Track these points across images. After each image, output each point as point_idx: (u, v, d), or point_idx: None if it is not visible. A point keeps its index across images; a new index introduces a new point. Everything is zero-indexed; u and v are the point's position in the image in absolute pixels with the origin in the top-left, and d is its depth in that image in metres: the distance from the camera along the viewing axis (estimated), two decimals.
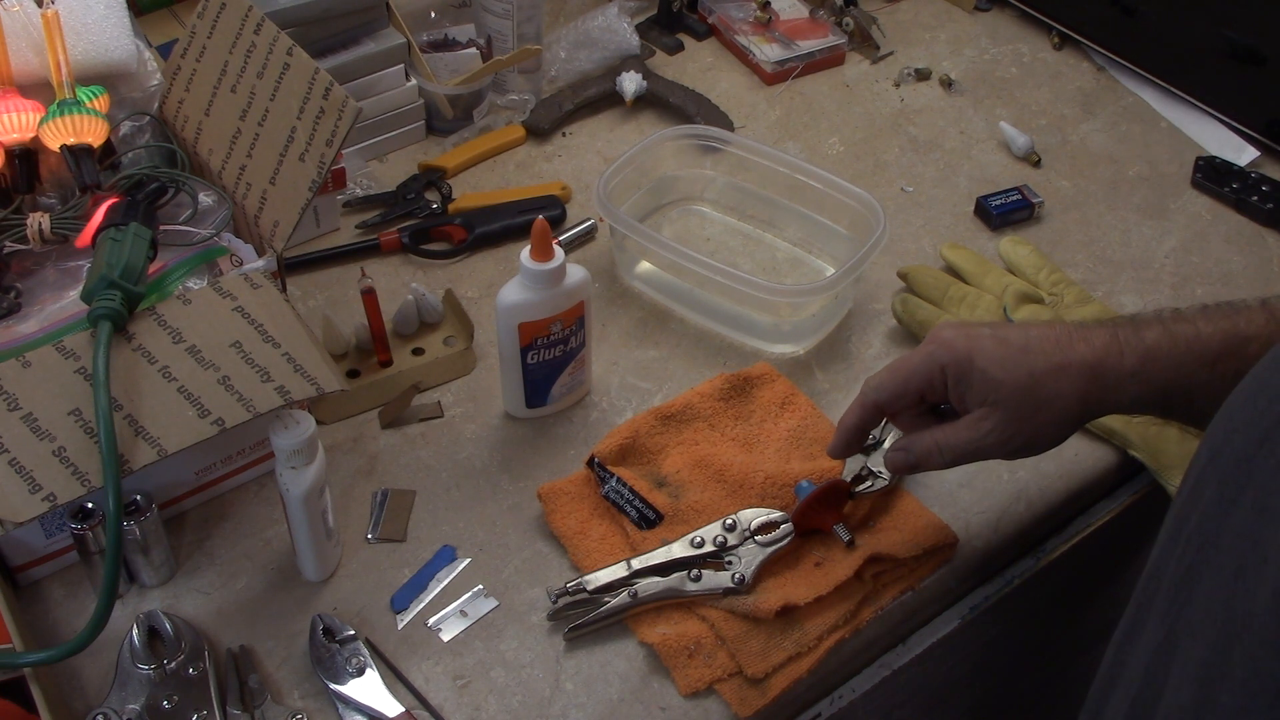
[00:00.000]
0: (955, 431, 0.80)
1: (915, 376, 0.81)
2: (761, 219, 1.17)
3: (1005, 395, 0.78)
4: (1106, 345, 0.78)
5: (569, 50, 1.33)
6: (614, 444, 0.93)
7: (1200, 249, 1.17)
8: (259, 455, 0.92)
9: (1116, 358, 0.77)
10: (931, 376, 0.80)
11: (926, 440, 0.82)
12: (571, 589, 0.85)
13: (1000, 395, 0.78)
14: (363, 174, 1.19)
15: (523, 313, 0.91)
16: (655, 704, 0.81)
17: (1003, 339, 0.80)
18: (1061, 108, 1.34)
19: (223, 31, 0.98)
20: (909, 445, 0.83)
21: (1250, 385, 0.60)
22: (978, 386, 0.79)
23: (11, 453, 0.76)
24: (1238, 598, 0.55)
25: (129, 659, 0.79)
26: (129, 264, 0.83)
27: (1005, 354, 0.79)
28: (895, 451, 0.83)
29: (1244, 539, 0.56)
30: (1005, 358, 0.78)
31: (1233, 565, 0.56)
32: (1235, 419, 0.61)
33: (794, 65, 1.36)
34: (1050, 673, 1.22)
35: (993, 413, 0.78)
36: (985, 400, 0.79)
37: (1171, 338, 0.78)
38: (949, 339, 0.80)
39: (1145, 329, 0.79)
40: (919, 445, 0.82)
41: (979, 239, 1.18)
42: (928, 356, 0.81)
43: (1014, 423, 0.78)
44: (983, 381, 0.78)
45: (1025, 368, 0.78)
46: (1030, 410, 0.78)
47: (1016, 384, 0.78)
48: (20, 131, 0.94)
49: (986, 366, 0.78)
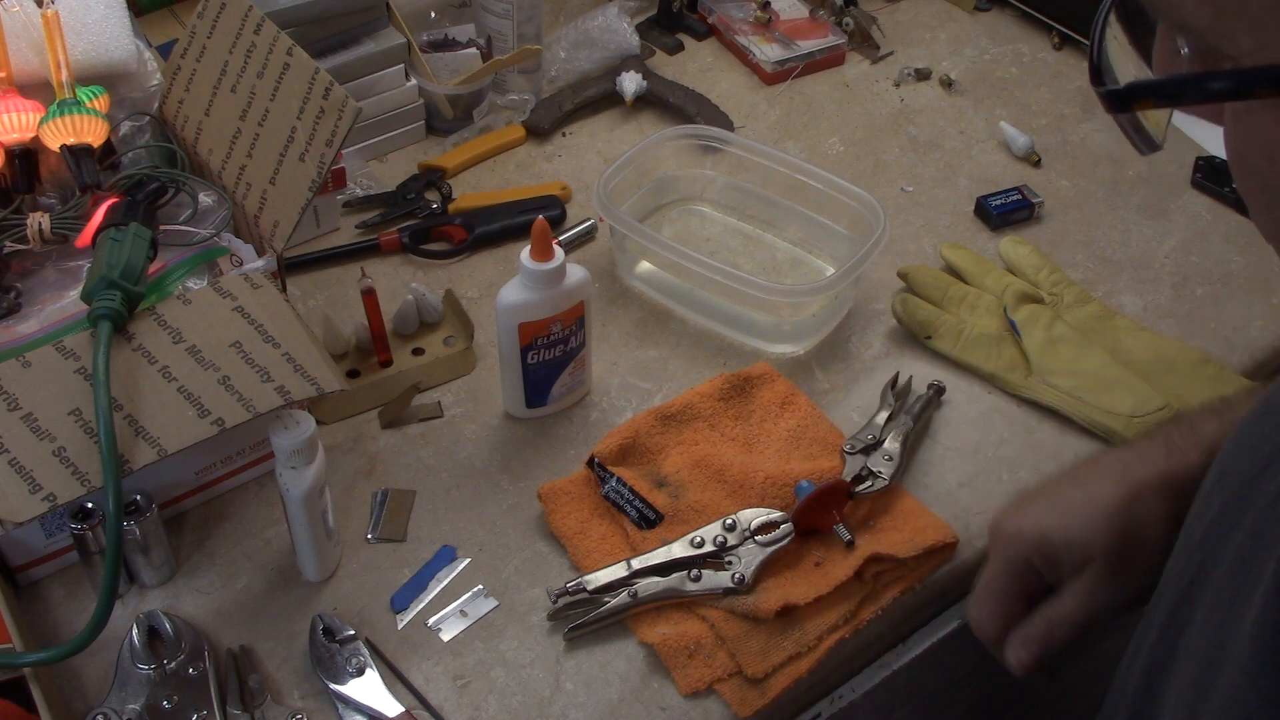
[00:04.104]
0: (1064, 603, 0.75)
1: (1010, 589, 0.77)
2: (761, 219, 1.17)
3: (1098, 549, 0.73)
4: (1167, 454, 0.74)
5: (569, 50, 1.33)
6: (614, 444, 0.93)
7: (1200, 249, 1.17)
8: (259, 455, 0.92)
9: (1181, 461, 0.73)
10: (1021, 575, 0.76)
11: (1039, 621, 0.75)
12: (571, 589, 0.85)
13: (1090, 554, 0.73)
14: (363, 174, 1.19)
15: (523, 313, 0.91)
16: (655, 704, 0.81)
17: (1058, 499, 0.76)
18: (1061, 108, 1.34)
19: (223, 31, 0.98)
20: (1027, 634, 0.76)
21: (1262, 406, 0.60)
22: (1068, 556, 0.74)
23: (11, 453, 0.76)
24: (1229, 620, 0.55)
25: (129, 659, 0.79)
26: (129, 264, 0.83)
27: (1072, 511, 0.74)
28: (1016, 649, 0.76)
29: (1241, 562, 0.56)
30: (1074, 514, 0.74)
31: (1229, 588, 0.56)
32: (1244, 440, 0.60)
33: (794, 65, 1.36)
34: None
35: (1095, 575, 0.73)
36: (1082, 564, 0.74)
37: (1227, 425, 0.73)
38: (1011, 529, 0.76)
39: (1201, 423, 0.75)
40: (1036, 630, 0.75)
41: (979, 239, 1.18)
42: (1007, 563, 0.76)
43: (1118, 573, 0.73)
44: (1069, 549, 0.74)
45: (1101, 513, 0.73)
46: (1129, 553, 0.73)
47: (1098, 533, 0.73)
48: (20, 131, 0.94)
49: (1065, 533, 0.74)
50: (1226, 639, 0.54)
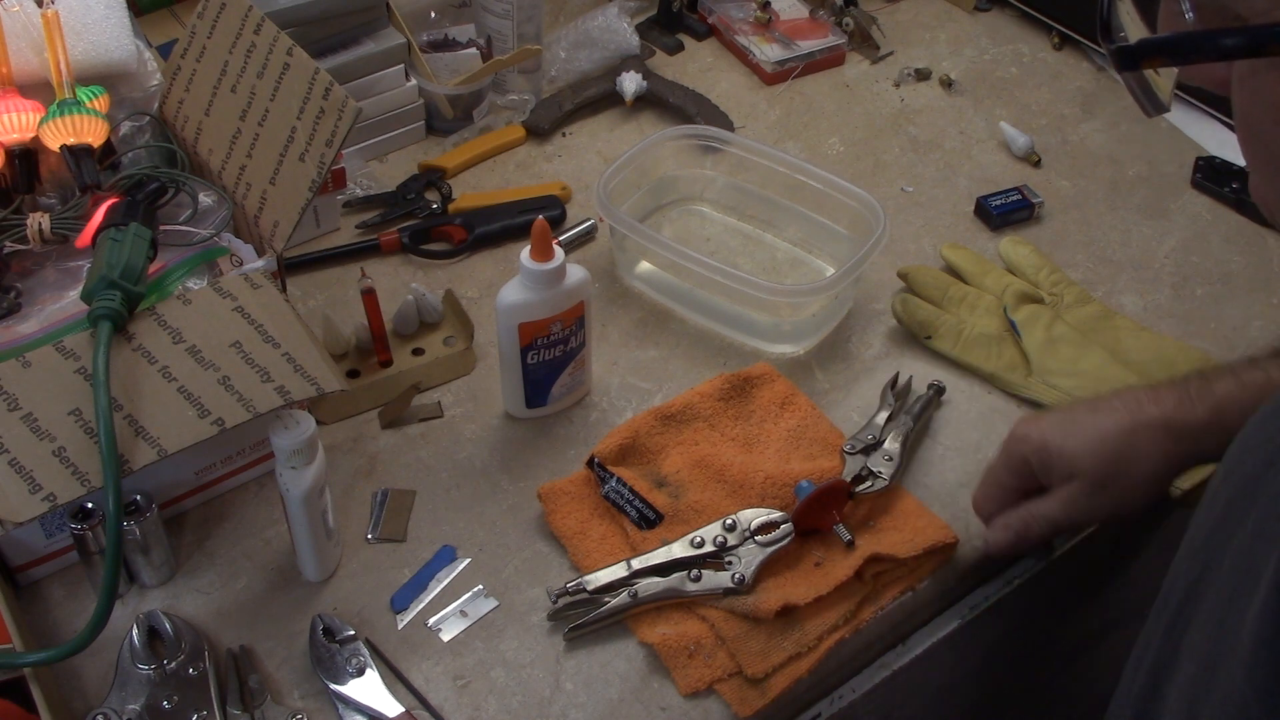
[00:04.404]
0: (1047, 503, 0.85)
1: (1007, 480, 0.87)
2: (761, 219, 1.17)
3: (1084, 467, 0.82)
4: (1177, 401, 0.81)
5: (569, 50, 1.33)
6: (614, 444, 0.92)
7: (1200, 249, 1.17)
8: (259, 455, 0.92)
9: (1188, 412, 0.81)
10: (1021, 472, 0.86)
11: (1022, 513, 0.86)
12: (571, 589, 0.85)
13: (1079, 467, 0.82)
14: (363, 174, 1.19)
15: (523, 313, 0.91)
16: (655, 704, 0.81)
17: (1071, 417, 0.85)
18: (1061, 108, 1.34)
19: (223, 31, 0.98)
20: (1008, 521, 0.86)
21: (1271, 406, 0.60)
22: (1059, 465, 0.83)
23: (11, 453, 0.76)
24: (1230, 618, 0.55)
25: (129, 659, 0.79)
26: (129, 264, 0.83)
27: (1075, 429, 0.83)
28: (997, 530, 0.87)
29: (1242, 561, 0.56)
30: (1076, 432, 0.83)
31: (1230, 587, 0.56)
32: (1250, 439, 0.60)
33: (794, 65, 1.36)
34: (1050, 673, 1.22)
35: (1078, 486, 0.83)
36: (1069, 475, 0.83)
37: (1242, 386, 0.81)
38: (1022, 433, 0.86)
39: (1216, 381, 0.82)
40: (1016, 518, 0.86)
41: (979, 239, 1.18)
42: (1008, 455, 0.87)
43: (1098, 488, 0.82)
44: (1061, 459, 0.83)
45: (1096, 434, 0.82)
46: (1111, 474, 0.82)
47: (1091, 453, 0.82)
48: (20, 131, 0.94)
49: (1062, 445, 0.83)
50: (1227, 636, 0.54)
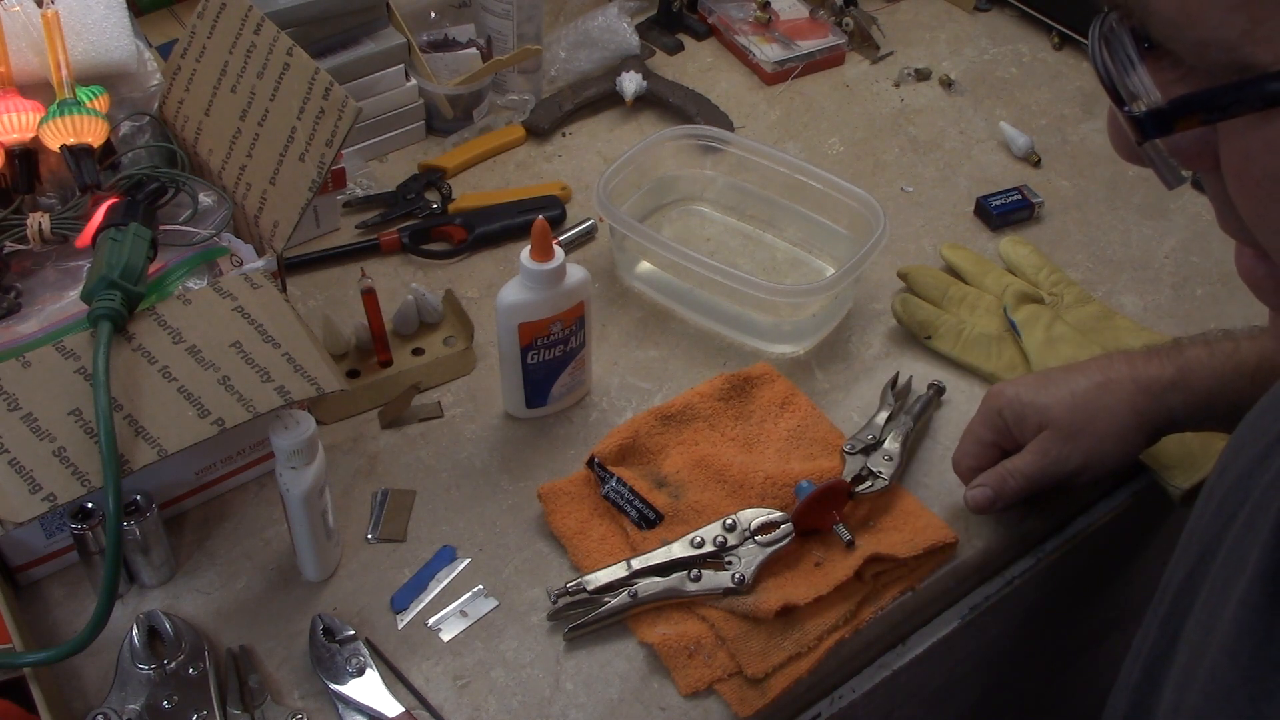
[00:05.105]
0: (1021, 457, 0.87)
1: (984, 436, 0.90)
2: (761, 219, 1.17)
3: (1054, 416, 0.85)
4: (1146, 360, 0.85)
5: (569, 50, 1.33)
6: (614, 444, 0.93)
7: (1200, 249, 1.17)
8: (259, 455, 0.92)
9: (1156, 369, 0.84)
10: (996, 426, 0.89)
11: (998, 470, 0.88)
12: (571, 589, 0.85)
13: (1049, 417, 0.86)
14: (363, 174, 1.19)
15: (523, 313, 0.91)
16: (655, 704, 0.81)
17: (1045, 375, 0.89)
18: (1061, 108, 1.34)
19: (223, 31, 0.98)
20: (984, 480, 0.88)
21: (1265, 401, 0.61)
22: (1031, 418, 0.86)
23: (11, 453, 0.76)
24: (1219, 606, 0.55)
25: (129, 659, 0.79)
26: (129, 264, 0.83)
27: (1047, 384, 0.87)
28: (974, 489, 0.89)
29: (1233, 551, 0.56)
30: (1047, 387, 0.87)
31: (1222, 577, 0.56)
32: (1244, 434, 0.61)
33: (794, 65, 1.36)
34: (1050, 673, 1.22)
35: (1049, 435, 0.86)
36: (1041, 427, 0.86)
37: (1210, 351, 0.84)
38: (998, 389, 0.90)
39: (1188, 346, 0.86)
40: (992, 476, 0.88)
41: (979, 239, 1.18)
42: (985, 412, 0.90)
43: (1069, 440, 0.85)
44: (1033, 411, 0.86)
45: (1068, 389, 0.86)
46: (1081, 425, 0.84)
47: (1061, 404, 0.85)
48: (20, 131, 0.94)
49: (1034, 398, 0.87)
50: (1214, 623, 0.55)
